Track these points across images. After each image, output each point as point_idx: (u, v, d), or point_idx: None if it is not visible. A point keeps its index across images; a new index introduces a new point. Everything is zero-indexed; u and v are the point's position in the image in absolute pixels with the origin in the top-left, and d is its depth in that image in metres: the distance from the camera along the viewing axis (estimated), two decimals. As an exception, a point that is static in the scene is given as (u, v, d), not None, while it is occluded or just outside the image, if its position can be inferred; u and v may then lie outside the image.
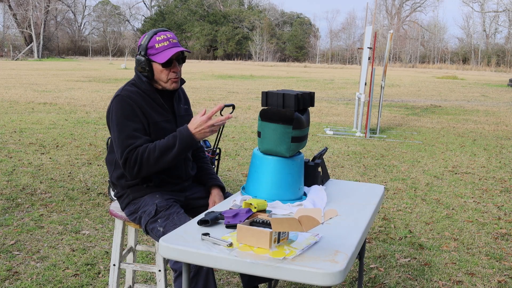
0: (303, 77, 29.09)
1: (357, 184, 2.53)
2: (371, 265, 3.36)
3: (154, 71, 2.26)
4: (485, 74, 46.57)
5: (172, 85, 2.30)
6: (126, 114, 2.20)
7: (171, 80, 2.28)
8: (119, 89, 2.29)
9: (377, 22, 56.38)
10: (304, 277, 1.47)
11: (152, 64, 2.25)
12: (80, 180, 5.28)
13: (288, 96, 2.07)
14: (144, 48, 2.23)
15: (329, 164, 6.51)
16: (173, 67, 2.27)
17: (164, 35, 2.24)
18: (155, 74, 2.27)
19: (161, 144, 2.16)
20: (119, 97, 2.23)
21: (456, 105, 15.44)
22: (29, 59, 48.69)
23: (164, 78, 2.27)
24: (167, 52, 2.21)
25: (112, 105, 2.25)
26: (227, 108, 9.77)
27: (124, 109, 2.20)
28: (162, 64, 2.22)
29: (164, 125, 2.28)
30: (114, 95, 2.26)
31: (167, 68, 2.25)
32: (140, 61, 2.25)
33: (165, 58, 2.20)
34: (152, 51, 2.23)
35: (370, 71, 8.41)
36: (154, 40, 2.22)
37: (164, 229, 2.14)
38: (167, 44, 2.23)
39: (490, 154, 7.55)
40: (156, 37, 2.23)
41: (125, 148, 2.16)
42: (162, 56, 2.21)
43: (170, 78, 2.27)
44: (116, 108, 2.22)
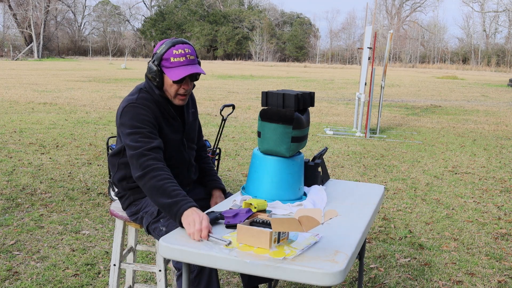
0: (303, 77, 29.09)
1: (357, 184, 2.53)
2: (371, 265, 3.36)
3: (164, 83, 2.20)
4: (485, 74, 46.57)
5: (179, 102, 2.24)
6: (142, 120, 2.12)
7: (179, 97, 2.23)
8: (131, 96, 2.20)
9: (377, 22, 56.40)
10: (304, 277, 1.47)
11: (164, 77, 2.18)
12: (80, 180, 5.28)
13: (288, 96, 2.07)
14: (159, 58, 2.15)
15: (329, 164, 6.51)
16: (184, 84, 2.20)
17: (182, 50, 2.15)
18: (165, 86, 2.21)
19: (166, 186, 1.98)
20: (133, 106, 2.15)
21: (456, 105, 15.44)
22: (29, 59, 48.69)
23: (173, 93, 2.21)
24: (181, 70, 2.13)
25: (124, 112, 2.16)
26: (227, 108, 9.77)
27: (139, 117, 2.12)
28: (173, 81, 2.16)
29: (172, 136, 2.25)
30: (128, 102, 2.17)
31: (177, 84, 2.18)
32: (151, 69, 2.17)
33: (178, 76, 2.12)
34: (166, 63, 2.15)
35: (370, 71, 8.41)
36: (171, 53, 2.14)
37: (166, 228, 2.13)
38: (183, 60, 2.15)
39: (490, 154, 7.55)
40: (173, 50, 2.14)
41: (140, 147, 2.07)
42: (175, 72, 2.14)
43: (178, 93, 2.22)
44: (130, 116, 2.13)
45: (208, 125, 9.38)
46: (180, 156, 2.32)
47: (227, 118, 4.37)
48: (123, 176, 2.28)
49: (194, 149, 2.45)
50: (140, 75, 25.99)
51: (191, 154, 2.40)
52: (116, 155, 2.29)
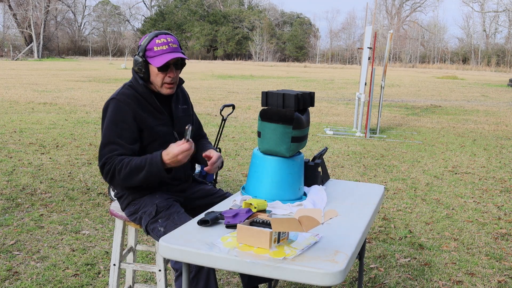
0: (303, 77, 29.09)
1: (357, 184, 2.53)
2: (371, 265, 3.36)
3: (150, 73, 2.24)
4: (485, 74, 46.57)
5: (167, 91, 2.28)
6: (117, 120, 2.18)
7: (166, 85, 2.26)
8: (115, 92, 2.27)
9: (377, 22, 56.39)
10: (304, 277, 1.47)
11: (149, 66, 2.23)
12: (80, 180, 5.28)
13: (288, 96, 2.07)
14: (143, 49, 2.22)
15: (329, 164, 6.51)
16: (169, 72, 2.24)
17: (165, 39, 2.21)
18: (151, 77, 2.25)
19: (133, 162, 2.12)
20: (114, 101, 2.22)
21: (456, 105, 15.44)
22: (29, 59, 48.70)
23: (159, 82, 2.25)
24: (164, 57, 2.19)
25: (106, 107, 2.24)
26: (227, 108, 9.77)
27: (116, 114, 2.19)
28: (158, 68, 2.21)
29: (160, 128, 2.27)
30: (110, 97, 2.25)
31: (163, 72, 2.22)
32: (137, 61, 2.24)
33: (161, 62, 2.18)
34: (150, 53, 2.21)
35: (370, 71, 8.41)
36: (154, 43, 2.21)
37: (165, 229, 2.13)
38: (166, 48, 2.20)
39: (490, 154, 7.55)
40: (156, 40, 2.21)
41: (104, 154, 2.16)
42: (158, 60, 2.19)
43: (165, 82, 2.25)
44: (109, 111, 2.21)
45: (208, 125, 9.38)
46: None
47: (227, 118, 4.36)
48: None
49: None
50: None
51: None
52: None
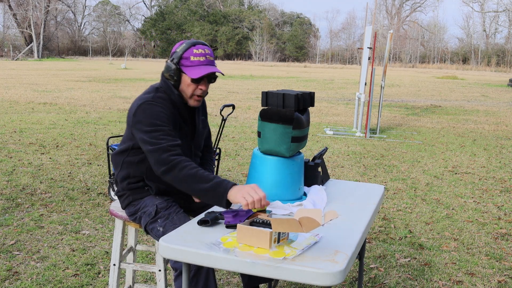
0: (303, 77, 29.09)
1: (357, 184, 2.53)
2: (371, 265, 3.36)
3: (181, 82, 2.18)
4: (485, 74, 46.57)
5: (194, 103, 2.23)
6: (161, 117, 2.09)
7: (195, 97, 2.21)
8: (148, 95, 2.16)
9: (377, 22, 56.40)
10: (304, 277, 1.47)
11: (182, 75, 2.17)
12: (80, 180, 5.28)
13: (288, 96, 2.07)
14: (178, 56, 2.14)
15: (329, 164, 6.51)
16: (201, 85, 2.19)
17: (203, 50, 2.15)
18: (181, 86, 2.19)
19: (201, 171, 1.97)
20: (151, 103, 2.11)
21: (456, 105, 15.44)
22: (29, 59, 48.69)
23: (189, 93, 2.19)
24: (201, 69, 2.13)
25: (142, 108, 2.11)
26: (227, 108, 9.77)
27: (156, 118, 2.09)
28: (192, 79, 2.15)
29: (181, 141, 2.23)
30: (145, 100, 2.13)
31: (195, 84, 2.17)
32: (170, 68, 2.15)
33: (198, 75, 2.11)
34: (186, 62, 2.14)
35: (370, 71, 8.41)
36: (191, 52, 2.13)
37: (163, 229, 2.14)
38: (203, 59, 2.14)
39: (490, 154, 7.55)
40: (193, 49, 2.14)
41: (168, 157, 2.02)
42: (195, 71, 2.13)
43: (195, 94, 2.20)
44: (147, 114, 2.09)
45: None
46: None
47: (227, 118, 4.37)
48: (126, 176, 2.27)
49: (199, 156, 2.44)
50: (140, 75, 26.00)
51: (196, 161, 2.40)
52: (121, 154, 2.27)
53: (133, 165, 2.24)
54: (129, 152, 2.24)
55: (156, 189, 2.25)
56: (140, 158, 2.22)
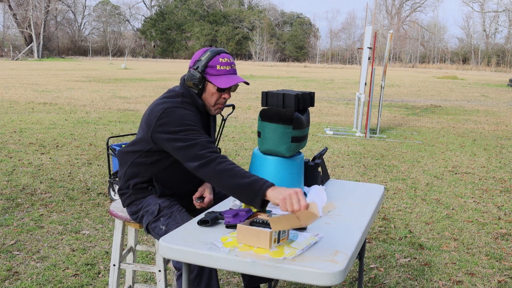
0: (303, 77, 29.09)
1: (357, 184, 2.53)
2: (371, 265, 3.36)
3: (205, 91, 2.17)
4: (485, 74, 46.57)
5: (216, 111, 2.23)
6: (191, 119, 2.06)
7: (218, 106, 2.21)
8: (175, 99, 2.13)
9: (377, 22, 56.41)
10: (304, 277, 1.47)
11: (206, 84, 2.15)
12: (80, 180, 5.28)
13: (288, 96, 2.07)
14: (204, 65, 2.12)
15: (329, 164, 6.51)
16: (226, 93, 2.19)
17: (228, 59, 2.16)
18: (205, 94, 2.18)
19: (238, 168, 1.90)
20: (180, 107, 2.09)
21: (456, 105, 15.44)
22: (29, 59, 48.70)
23: (213, 102, 2.19)
24: (228, 78, 2.13)
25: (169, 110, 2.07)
26: (227, 108, 9.77)
27: (189, 115, 2.07)
28: (218, 88, 2.14)
29: None
30: (173, 104, 2.09)
31: (219, 92, 2.17)
32: (194, 76, 2.13)
33: (227, 84, 2.12)
34: (212, 71, 2.13)
35: (370, 71, 8.41)
36: (217, 61, 2.13)
37: (166, 227, 2.13)
38: (229, 69, 2.15)
39: (490, 154, 7.55)
40: (219, 58, 2.14)
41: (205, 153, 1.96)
42: (222, 80, 2.13)
43: (218, 103, 2.20)
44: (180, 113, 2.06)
45: (208, 125, 9.38)
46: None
47: (227, 118, 4.36)
48: (133, 175, 2.24)
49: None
50: (140, 75, 26.00)
51: None
52: (131, 153, 2.23)
53: (144, 166, 2.21)
54: (141, 154, 2.20)
55: (161, 191, 2.24)
56: (154, 160, 2.19)
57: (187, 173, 2.23)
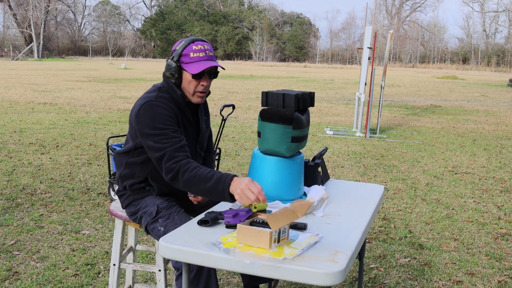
0: (303, 77, 29.09)
1: (357, 184, 2.53)
2: (371, 265, 3.36)
3: (182, 80, 2.18)
4: (485, 74, 46.57)
5: (197, 99, 2.21)
6: (160, 125, 2.06)
7: (197, 94, 2.20)
8: (150, 94, 2.15)
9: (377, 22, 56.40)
10: (304, 277, 1.47)
11: (182, 73, 2.16)
12: (80, 180, 5.28)
13: (288, 96, 2.07)
14: (178, 54, 2.14)
15: (329, 164, 6.51)
16: (203, 80, 2.18)
17: (202, 46, 2.15)
18: (183, 83, 2.18)
19: (201, 171, 1.97)
20: (154, 103, 2.10)
21: (456, 105, 15.44)
22: (29, 59, 48.70)
23: (191, 90, 2.18)
24: (201, 64, 2.12)
25: (144, 108, 2.10)
26: (227, 108, 9.78)
27: (159, 119, 2.07)
28: (192, 75, 2.14)
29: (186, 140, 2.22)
30: (147, 99, 2.12)
31: (196, 80, 2.16)
32: (170, 66, 2.15)
33: (198, 69, 2.11)
34: (186, 59, 2.14)
35: (370, 71, 8.41)
36: (190, 49, 2.13)
37: (165, 228, 2.13)
38: (202, 55, 2.14)
39: (490, 154, 7.55)
40: (192, 46, 2.14)
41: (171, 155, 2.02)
42: (195, 66, 2.13)
43: (197, 91, 2.19)
44: (149, 115, 2.07)
45: (208, 125, 9.38)
46: None
47: (227, 118, 4.37)
48: (129, 176, 2.26)
49: (202, 156, 2.44)
50: (140, 75, 26.00)
51: (199, 162, 2.40)
52: (124, 154, 2.26)
53: (137, 166, 2.23)
54: (132, 153, 2.22)
55: (159, 190, 2.25)
56: (143, 158, 2.21)
57: None
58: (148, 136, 2.07)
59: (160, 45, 74.63)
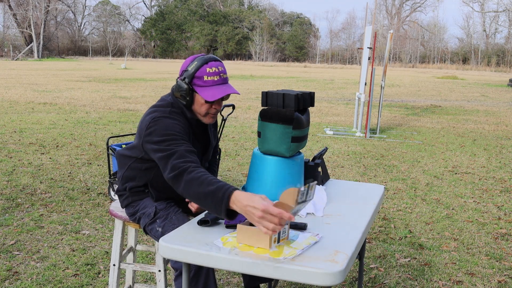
0: (303, 77, 29.09)
1: (357, 184, 2.53)
2: (371, 265, 3.36)
3: (194, 102, 2.10)
4: (485, 74, 46.57)
5: (209, 120, 2.16)
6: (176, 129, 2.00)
7: (209, 115, 2.14)
8: (164, 109, 2.08)
9: (377, 22, 56.40)
10: (304, 277, 1.47)
11: (195, 95, 2.08)
12: (80, 180, 5.28)
13: (288, 96, 2.07)
14: (190, 75, 2.04)
15: (329, 164, 6.51)
16: (216, 104, 2.11)
17: (216, 68, 2.06)
18: (194, 105, 2.11)
19: (206, 176, 1.80)
20: (168, 116, 2.04)
21: (456, 105, 15.44)
22: (29, 59, 48.70)
23: (203, 112, 2.12)
24: (216, 90, 2.04)
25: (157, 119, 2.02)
26: (227, 108, 9.78)
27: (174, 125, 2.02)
28: (206, 101, 2.07)
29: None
30: (162, 113, 2.04)
31: (209, 103, 2.10)
32: (181, 88, 2.05)
33: (214, 97, 2.02)
34: (199, 82, 2.05)
35: (370, 71, 8.41)
36: (204, 71, 2.04)
37: (162, 229, 2.13)
38: (217, 79, 2.05)
39: (490, 154, 7.54)
40: (206, 68, 2.04)
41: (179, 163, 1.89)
42: (210, 92, 2.03)
43: (209, 113, 2.13)
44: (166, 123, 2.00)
45: (208, 125, 9.38)
46: None
47: (227, 118, 4.36)
48: (131, 178, 2.25)
49: (206, 166, 2.43)
50: (140, 75, 26.00)
51: None
52: (129, 157, 2.23)
53: (140, 171, 2.22)
54: (136, 159, 2.21)
55: (157, 197, 2.24)
56: (147, 166, 2.19)
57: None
58: (156, 143, 1.96)
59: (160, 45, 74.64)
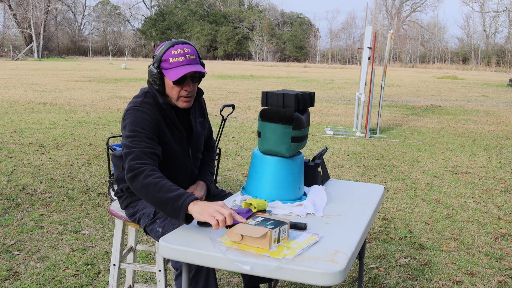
0: (303, 77, 29.09)
1: (357, 184, 2.53)
2: (371, 265, 3.36)
3: (165, 86, 2.13)
4: (485, 74, 46.57)
5: (183, 104, 2.16)
6: (143, 123, 2.06)
7: (182, 99, 2.15)
8: (137, 99, 2.14)
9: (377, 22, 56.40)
10: (304, 277, 1.47)
11: (164, 79, 2.11)
12: (80, 180, 5.28)
13: (288, 96, 2.07)
14: (158, 60, 2.09)
15: (329, 164, 6.51)
16: (186, 86, 2.12)
17: (181, 49, 2.07)
18: (166, 89, 2.14)
19: (164, 181, 1.89)
20: (137, 108, 2.10)
21: (456, 105, 15.44)
22: (29, 59, 48.70)
23: (175, 96, 2.14)
24: (180, 70, 2.06)
25: (126, 116, 2.11)
26: (227, 108, 9.78)
27: (138, 123, 2.06)
28: (173, 82, 2.09)
29: (175, 146, 2.20)
30: (131, 107, 2.12)
31: (178, 85, 2.11)
32: (152, 72, 2.11)
33: (177, 76, 2.05)
34: (165, 64, 2.08)
35: (370, 71, 8.41)
36: (169, 53, 2.07)
37: (162, 229, 2.13)
38: (182, 60, 2.07)
39: (490, 154, 7.54)
40: (172, 50, 2.07)
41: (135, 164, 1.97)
42: (174, 73, 2.06)
43: (181, 96, 2.14)
44: (130, 120, 2.07)
45: (208, 125, 9.37)
46: (184, 168, 2.29)
47: (227, 118, 4.37)
48: (124, 179, 2.27)
49: (199, 158, 2.41)
50: (140, 75, 26.00)
51: (196, 165, 2.38)
52: (121, 158, 2.24)
53: None
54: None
55: None
56: None
57: (174, 175, 2.23)
58: (125, 138, 2.05)
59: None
